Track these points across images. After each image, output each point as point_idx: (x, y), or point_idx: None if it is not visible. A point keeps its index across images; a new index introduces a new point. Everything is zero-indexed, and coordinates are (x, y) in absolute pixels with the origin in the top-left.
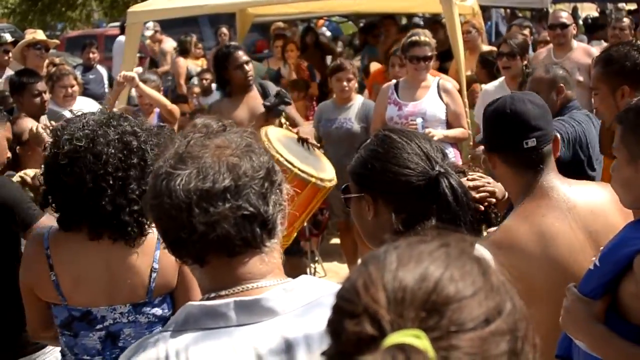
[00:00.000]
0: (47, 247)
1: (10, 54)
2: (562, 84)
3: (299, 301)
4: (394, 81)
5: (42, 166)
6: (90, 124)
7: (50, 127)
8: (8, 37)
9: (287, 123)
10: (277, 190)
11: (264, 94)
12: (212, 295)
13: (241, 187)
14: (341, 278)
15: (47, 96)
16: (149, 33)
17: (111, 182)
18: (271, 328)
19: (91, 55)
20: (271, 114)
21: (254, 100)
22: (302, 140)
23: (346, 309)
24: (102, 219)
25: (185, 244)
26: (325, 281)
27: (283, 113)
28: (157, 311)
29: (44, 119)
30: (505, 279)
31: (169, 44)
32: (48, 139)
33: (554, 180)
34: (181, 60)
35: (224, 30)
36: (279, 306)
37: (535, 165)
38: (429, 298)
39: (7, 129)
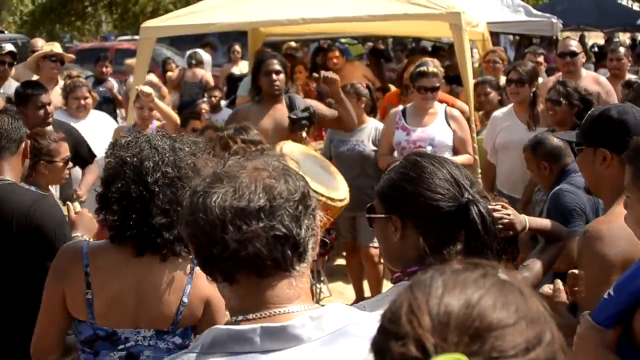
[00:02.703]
0: (87, 265)
1: (13, 66)
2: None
3: (326, 329)
4: (401, 107)
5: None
6: (141, 141)
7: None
8: (8, 47)
9: (307, 139)
10: (311, 215)
11: (291, 106)
12: (240, 318)
13: (275, 207)
14: (346, 299)
15: (51, 108)
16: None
17: (161, 195)
18: (296, 356)
19: (104, 69)
20: (295, 127)
21: (280, 111)
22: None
23: (392, 330)
24: (149, 234)
25: (216, 261)
26: (353, 309)
27: (306, 128)
28: (177, 340)
29: (50, 130)
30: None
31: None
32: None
33: None
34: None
35: (237, 47)
36: (305, 334)
37: None
38: (472, 324)
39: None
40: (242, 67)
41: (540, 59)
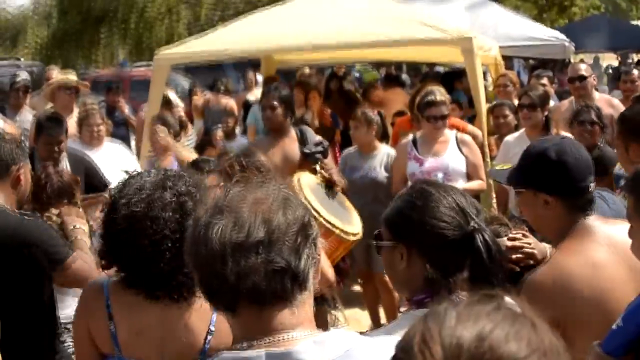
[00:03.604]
0: (107, 298)
1: (27, 95)
2: None
3: (329, 354)
4: (410, 136)
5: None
6: (146, 187)
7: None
8: (23, 75)
9: (322, 171)
10: (312, 245)
11: (302, 139)
12: (245, 344)
13: (274, 241)
14: (362, 326)
15: (63, 146)
16: None
17: (169, 244)
18: None
19: (116, 98)
20: (307, 161)
21: (289, 145)
22: (330, 184)
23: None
24: (159, 280)
25: (217, 293)
26: (356, 334)
27: (319, 162)
28: None
29: (64, 160)
30: (559, 342)
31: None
32: None
33: (595, 220)
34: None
35: (250, 74)
36: (309, 358)
37: (587, 208)
38: (483, 356)
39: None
40: (257, 94)
41: (545, 81)
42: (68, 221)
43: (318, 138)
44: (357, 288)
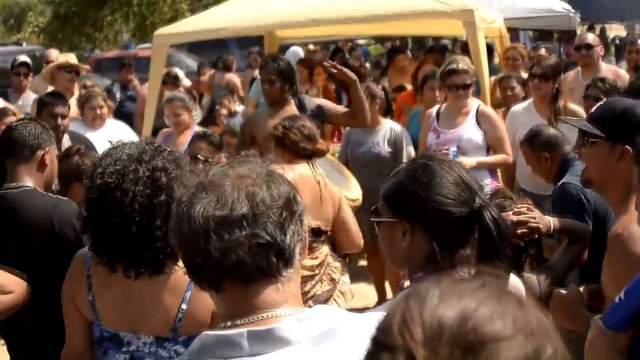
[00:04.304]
0: (89, 268)
1: (29, 77)
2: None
3: (314, 331)
4: (437, 107)
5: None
6: (122, 159)
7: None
8: (22, 59)
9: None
10: (297, 221)
11: (301, 107)
12: (228, 324)
13: (258, 215)
14: (368, 300)
15: (65, 121)
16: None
17: (137, 218)
18: (284, 358)
19: (129, 76)
20: None
21: (289, 113)
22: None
23: (383, 341)
24: (124, 253)
25: (202, 270)
26: (341, 310)
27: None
28: (180, 349)
29: (66, 140)
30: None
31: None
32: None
33: None
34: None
35: (254, 53)
36: (292, 336)
37: None
38: (466, 336)
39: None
40: None
41: (543, 51)
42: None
43: (317, 102)
44: (362, 263)
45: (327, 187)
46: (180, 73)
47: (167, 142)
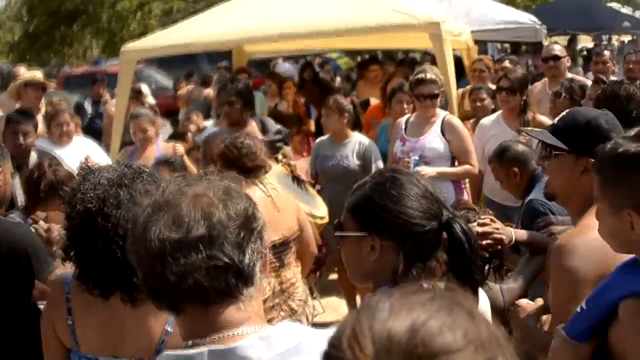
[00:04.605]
0: (68, 292)
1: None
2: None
3: (276, 349)
4: (407, 116)
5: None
6: (102, 183)
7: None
8: None
9: (284, 160)
10: (257, 239)
11: (264, 129)
12: (190, 343)
13: (215, 236)
14: (340, 314)
15: (30, 139)
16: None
17: (121, 243)
18: None
19: (101, 90)
20: (269, 150)
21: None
22: (296, 179)
23: (334, 355)
24: (109, 279)
25: (159, 293)
26: (304, 327)
27: (281, 150)
28: None
29: (33, 157)
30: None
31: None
32: None
33: None
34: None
35: (223, 68)
36: (254, 354)
37: None
38: (415, 349)
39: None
40: None
41: (506, 63)
42: (54, 228)
43: (277, 127)
44: (333, 276)
45: (280, 195)
46: (145, 89)
47: (132, 158)
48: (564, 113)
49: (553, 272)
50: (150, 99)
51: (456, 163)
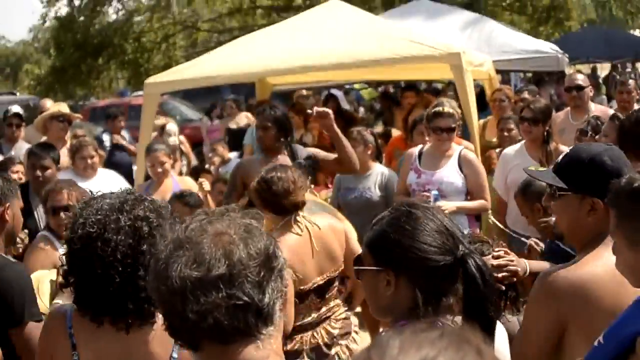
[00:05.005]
0: (70, 327)
1: (21, 128)
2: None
3: None
4: (419, 146)
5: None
6: (103, 208)
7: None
8: (14, 109)
9: (312, 187)
10: (277, 277)
11: (293, 156)
12: None
13: (236, 275)
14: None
15: (48, 173)
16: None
17: (120, 268)
18: None
19: (119, 124)
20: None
21: (282, 162)
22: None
23: None
24: (109, 305)
25: (179, 331)
26: None
27: (310, 176)
28: None
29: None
30: None
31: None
32: None
33: None
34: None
35: (230, 102)
36: None
37: None
38: None
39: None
40: (238, 120)
41: (526, 95)
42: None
43: (308, 152)
44: (357, 309)
45: (321, 232)
46: (171, 128)
47: (147, 192)
48: (567, 150)
49: (529, 297)
50: (173, 139)
51: (468, 197)
